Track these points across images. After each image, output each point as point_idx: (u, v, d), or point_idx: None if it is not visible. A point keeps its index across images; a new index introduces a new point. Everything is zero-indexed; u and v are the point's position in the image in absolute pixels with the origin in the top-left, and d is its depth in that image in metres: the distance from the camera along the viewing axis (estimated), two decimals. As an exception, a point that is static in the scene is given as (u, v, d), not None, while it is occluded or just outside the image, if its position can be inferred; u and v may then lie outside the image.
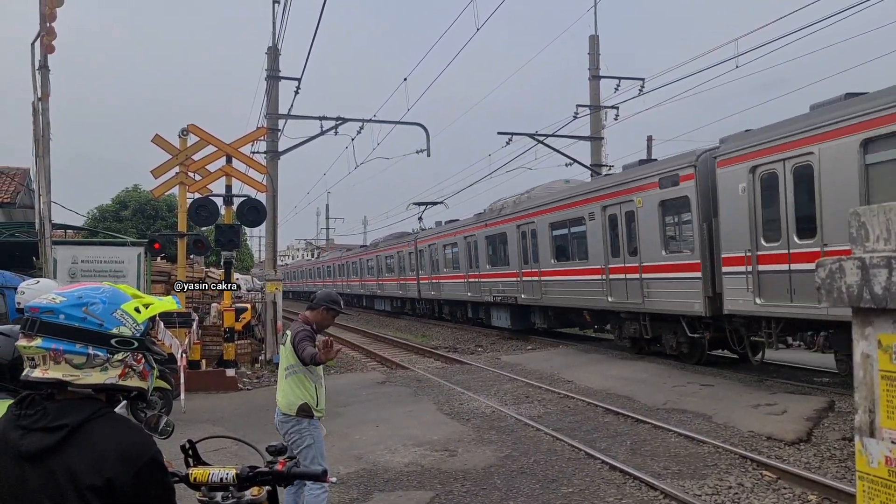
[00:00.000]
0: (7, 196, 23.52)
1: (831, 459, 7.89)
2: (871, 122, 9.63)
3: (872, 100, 9.92)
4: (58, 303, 1.77)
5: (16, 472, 1.73)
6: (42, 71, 12.35)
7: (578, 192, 17.65)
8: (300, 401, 5.37)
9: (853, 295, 1.67)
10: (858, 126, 9.80)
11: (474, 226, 24.55)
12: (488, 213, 23.73)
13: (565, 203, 17.90)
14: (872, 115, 9.62)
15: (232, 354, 15.25)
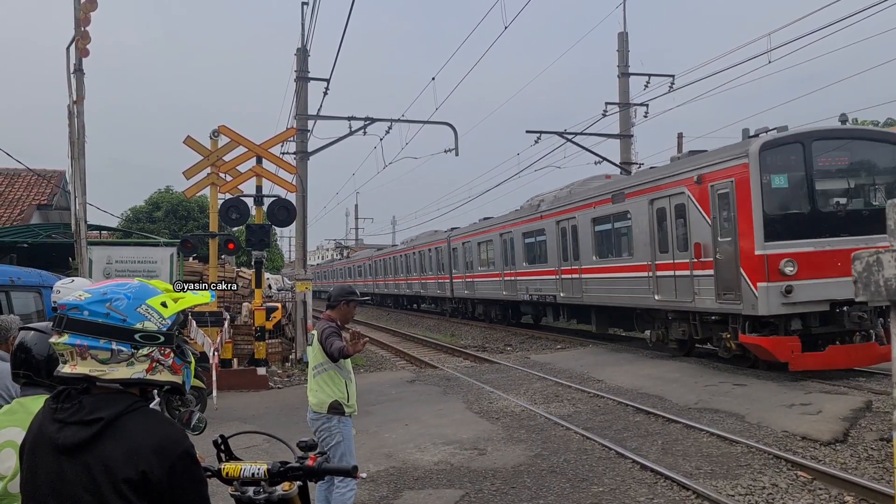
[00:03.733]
0: (44, 198, 24.01)
1: (868, 460, 7.73)
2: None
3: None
4: (83, 300, 1.80)
5: (53, 464, 1.76)
6: (77, 74, 12.58)
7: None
8: (331, 398, 5.40)
9: (892, 288, 1.62)
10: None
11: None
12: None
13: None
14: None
15: (263, 353, 15.39)
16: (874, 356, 12.40)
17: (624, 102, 26.90)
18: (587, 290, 18.76)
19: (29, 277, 8.99)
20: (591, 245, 18.45)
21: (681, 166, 14.77)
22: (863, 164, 13.10)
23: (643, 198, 15.81)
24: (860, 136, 13.47)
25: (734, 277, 12.68)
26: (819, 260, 12.08)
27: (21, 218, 22.40)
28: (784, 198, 12.68)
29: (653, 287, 15.53)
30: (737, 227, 12.71)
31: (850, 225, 12.45)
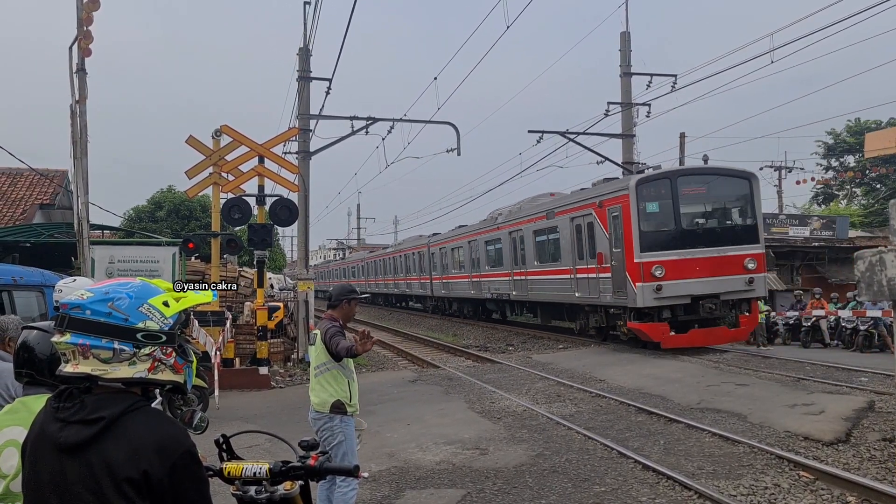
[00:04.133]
0: (46, 197, 24.04)
1: (871, 460, 7.73)
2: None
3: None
4: (85, 299, 1.80)
5: (55, 464, 1.76)
6: (79, 74, 12.60)
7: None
8: (333, 398, 5.40)
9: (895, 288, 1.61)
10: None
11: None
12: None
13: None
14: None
15: (265, 353, 15.40)
16: (724, 337, 16.96)
17: (626, 102, 26.88)
18: (531, 290, 22.39)
19: (31, 277, 9.00)
20: (534, 252, 22.08)
21: (590, 193, 18.69)
22: (716, 194, 17.34)
23: (566, 216, 19.54)
24: (714, 172, 17.84)
25: (623, 279, 16.59)
26: (682, 265, 16.08)
27: (23, 217, 22.44)
28: (655, 219, 16.62)
29: (574, 287, 19.29)
30: (623, 241, 16.54)
31: (706, 239, 16.59)
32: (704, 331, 16.56)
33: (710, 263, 16.37)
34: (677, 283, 15.97)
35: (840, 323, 19.90)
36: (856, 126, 49.20)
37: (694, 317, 16.42)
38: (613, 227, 16.99)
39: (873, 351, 18.07)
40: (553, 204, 21.06)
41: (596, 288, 17.97)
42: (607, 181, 18.39)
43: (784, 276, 29.95)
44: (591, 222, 18.07)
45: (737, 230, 17.11)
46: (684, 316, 16.39)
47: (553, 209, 20.60)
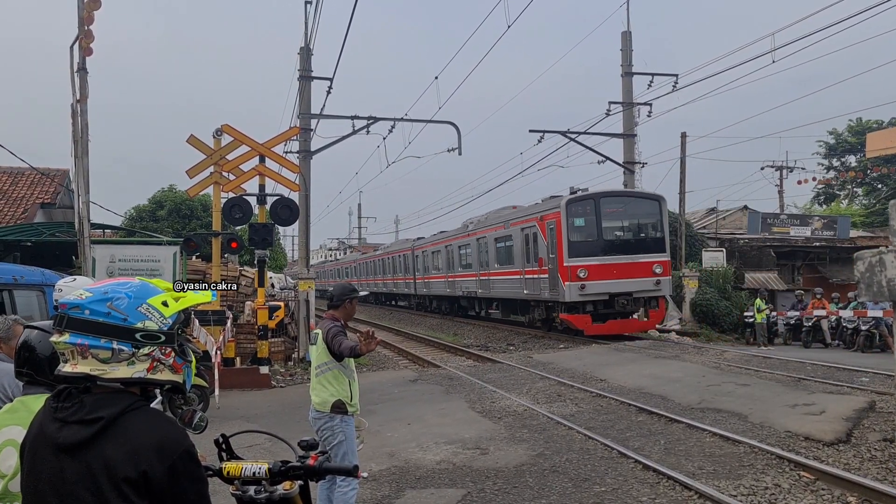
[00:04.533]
0: (47, 196, 24.05)
1: (872, 461, 7.72)
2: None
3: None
4: (84, 298, 1.80)
5: (54, 464, 1.76)
6: (80, 73, 12.60)
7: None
8: (334, 397, 5.40)
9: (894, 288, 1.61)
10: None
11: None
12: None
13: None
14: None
15: (265, 352, 15.40)
16: (636, 327, 20.88)
17: (627, 102, 26.89)
18: (493, 288, 25.88)
19: (32, 276, 9.00)
20: (494, 256, 25.59)
21: (535, 208, 22.39)
22: (631, 212, 21.05)
23: (518, 227, 23.07)
24: (630, 195, 21.91)
25: (556, 279, 20.18)
26: (602, 269, 19.75)
27: (24, 216, 22.45)
28: (582, 232, 20.27)
29: (523, 285, 22.74)
30: (557, 248, 20.09)
31: (622, 248, 20.41)
32: (620, 321, 20.47)
33: (624, 268, 20.08)
34: (598, 282, 19.66)
35: (841, 323, 19.91)
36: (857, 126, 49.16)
37: (611, 310, 20.22)
38: (550, 237, 20.62)
39: (874, 351, 18.09)
40: (510, 216, 24.55)
41: (538, 286, 21.56)
42: (552, 198, 21.77)
43: (785, 275, 29.96)
44: (535, 232, 21.73)
45: (647, 241, 20.83)
46: (604, 309, 20.15)
47: (509, 220, 24.19)
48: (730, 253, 29.00)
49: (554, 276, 20.24)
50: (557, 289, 20.04)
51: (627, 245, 20.55)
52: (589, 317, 19.97)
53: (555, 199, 21.29)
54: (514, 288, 23.60)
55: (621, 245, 20.53)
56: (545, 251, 20.84)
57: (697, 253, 28.51)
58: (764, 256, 30.22)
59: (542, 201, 22.56)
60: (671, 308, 25.95)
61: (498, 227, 25.02)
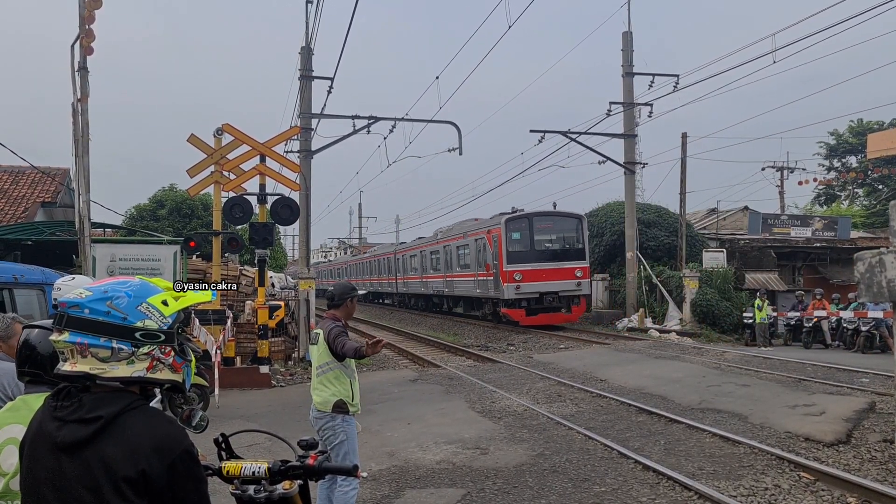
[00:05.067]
0: (48, 195, 24.05)
1: (872, 461, 7.72)
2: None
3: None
4: (83, 297, 1.79)
5: (53, 462, 1.76)
6: (81, 72, 12.60)
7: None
8: (336, 397, 5.39)
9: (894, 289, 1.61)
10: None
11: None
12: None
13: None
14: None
15: (266, 352, 15.39)
16: (560, 319, 25.21)
17: (628, 102, 26.89)
18: (455, 288, 30.02)
19: (32, 275, 8.99)
20: (456, 261, 29.53)
21: (485, 223, 26.82)
22: (558, 228, 25.58)
23: (473, 238, 27.23)
24: (557, 214, 25.85)
25: (498, 281, 24.51)
26: (533, 273, 24.11)
27: (25, 215, 22.46)
28: (518, 244, 24.64)
29: (476, 286, 27.13)
30: (499, 256, 24.40)
31: (549, 257, 24.91)
32: (548, 315, 24.69)
33: (551, 272, 24.48)
34: (530, 284, 24.11)
35: (841, 324, 19.90)
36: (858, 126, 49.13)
37: (541, 306, 24.56)
38: (494, 247, 24.89)
39: (874, 352, 18.08)
40: (468, 228, 28.72)
41: (487, 286, 25.87)
42: (501, 214, 25.88)
43: (786, 276, 29.94)
44: (484, 243, 25.84)
45: (570, 252, 25.32)
46: (535, 305, 24.53)
47: (467, 232, 28.28)
48: (730, 253, 28.99)
49: (497, 278, 24.72)
50: (499, 289, 24.54)
51: (554, 254, 25.19)
52: (524, 311, 24.45)
53: (497, 217, 26.04)
54: (470, 288, 28.02)
55: (549, 254, 25.14)
56: (491, 258, 25.16)
57: (698, 253, 28.51)
58: (764, 257, 30.21)
59: (491, 218, 26.97)
60: (671, 308, 25.97)
61: (459, 237, 29.19)
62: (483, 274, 26.05)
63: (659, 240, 29.78)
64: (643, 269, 27.52)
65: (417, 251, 35.76)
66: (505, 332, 25.31)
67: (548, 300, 24.50)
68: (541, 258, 24.68)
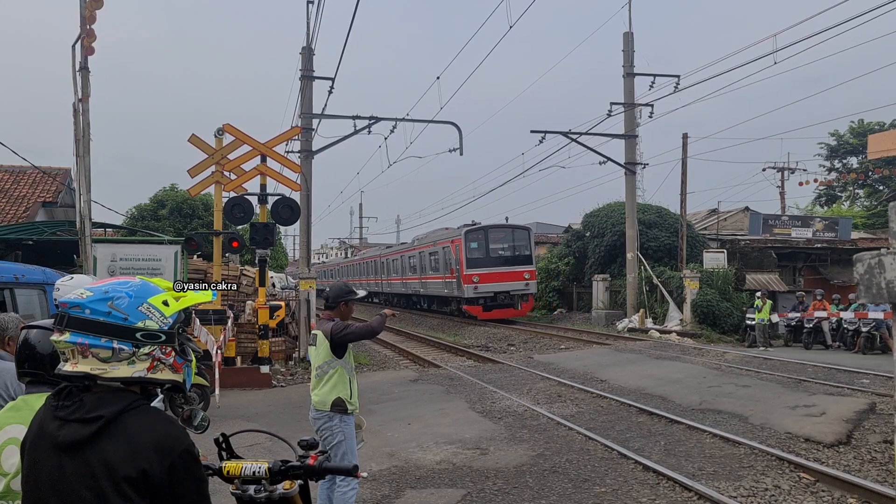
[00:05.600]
0: (49, 195, 24.04)
1: (872, 462, 7.72)
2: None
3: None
4: (84, 298, 1.80)
5: (54, 462, 1.76)
6: (82, 72, 12.62)
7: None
8: (334, 395, 5.40)
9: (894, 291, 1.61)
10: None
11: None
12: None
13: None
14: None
15: (266, 352, 15.40)
16: (511, 314, 29.22)
17: (629, 102, 26.87)
18: (428, 288, 34.27)
19: (33, 275, 8.99)
20: (429, 265, 33.71)
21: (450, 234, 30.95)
22: (510, 238, 29.64)
23: (441, 245, 31.60)
24: (509, 227, 30.39)
25: (460, 282, 28.80)
26: (489, 276, 28.29)
27: (26, 215, 22.45)
28: (476, 251, 28.89)
29: (444, 287, 31.33)
30: (460, 262, 28.71)
31: (502, 262, 28.90)
32: (501, 310, 28.90)
33: (504, 275, 28.69)
34: (486, 285, 28.46)
35: (842, 325, 19.89)
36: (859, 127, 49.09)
37: (495, 303, 28.83)
38: (456, 254, 29.36)
39: (875, 353, 18.07)
40: (438, 237, 33.09)
41: (452, 287, 30.37)
42: (465, 226, 30.07)
43: (786, 277, 29.92)
44: (449, 250, 30.39)
45: (519, 258, 29.44)
46: (490, 303, 28.84)
47: (437, 240, 32.60)
48: (731, 254, 28.97)
49: (459, 280, 29.23)
50: (461, 289, 29.02)
51: (506, 260, 29.31)
52: (481, 307, 28.90)
53: (460, 228, 30.34)
54: (440, 288, 32.30)
55: (502, 260, 29.27)
56: (454, 263, 29.68)
57: (698, 254, 28.49)
58: (765, 258, 30.19)
59: (458, 228, 30.92)
60: (672, 309, 25.96)
61: (430, 245, 33.57)
62: (449, 276, 30.59)
63: (659, 240, 29.77)
64: (644, 270, 27.51)
65: (399, 255, 40.22)
66: (505, 331, 25.38)
67: (501, 298, 28.67)
68: (495, 263, 28.96)
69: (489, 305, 28.70)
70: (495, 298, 28.60)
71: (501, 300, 28.69)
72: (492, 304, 28.70)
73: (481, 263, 28.66)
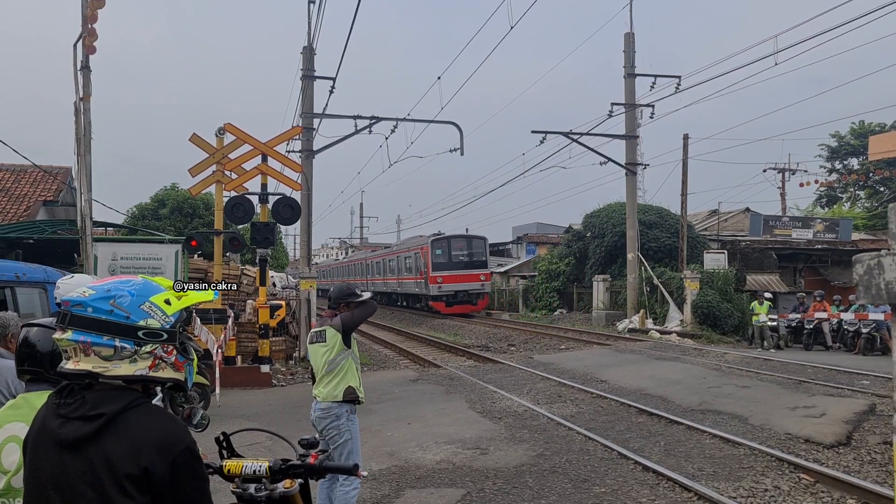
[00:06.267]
0: (50, 194, 24.06)
1: (872, 463, 7.73)
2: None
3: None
4: (87, 296, 1.80)
5: (56, 460, 1.77)
6: (84, 72, 12.61)
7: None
8: (345, 384, 5.37)
9: (893, 292, 1.62)
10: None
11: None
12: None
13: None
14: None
15: (267, 351, 15.41)
16: (468, 309, 34.41)
17: (630, 103, 26.87)
18: (404, 287, 39.63)
19: (34, 273, 9.00)
20: (405, 267, 38.74)
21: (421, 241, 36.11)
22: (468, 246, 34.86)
23: (412, 252, 36.85)
24: (467, 237, 35.73)
25: (427, 283, 33.71)
26: (451, 278, 33.64)
27: (27, 214, 22.47)
28: (440, 257, 33.76)
29: (416, 287, 36.37)
30: (427, 266, 33.69)
31: (462, 266, 34.21)
32: (461, 306, 34.14)
33: (463, 277, 34.29)
34: (449, 285, 33.91)
35: (842, 326, 19.88)
36: (860, 128, 49.09)
37: (456, 300, 34.15)
38: (424, 259, 34.72)
39: (875, 354, 18.07)
40: (412, 244, 38.67)
41: (421, 287, 35.54)
42: (433, 235, 35.80)
43: (787, 278, 29.91)
44: (419, 255, 35.57)
45: (476, 262, 35.07)
46: (452, 300, 34.11)
47: (410, 247, 38.23)
48: (731, 255, 28.96)
49: (426, 281, 34.44)
50: (428, 288, 34.36)
51: (465, 264, 34.78)
52: (444, 303, 34.16)
53: (429, 237, 35.91)
54: (412, 288, 37.63)
55: (461, 265, 34.71)
56: (423, 267, 34.99)
57: (699, 255, 28.49)
58: (766, 259, 30.19)
59: (427, 237, 36.52)
60: (672, 310, 25.95)
61: (406, 251, 39.14)
62: (419, 278, 35.86)
63: (660, 241, 29.77)
64: (644, 271, 27.51)
65: (381, 259, 46.02)
66: (505, 331, 25.41)
67: (460, 296, 34.35)
68: (455, 267, 34.55)
69: (451, 302, 34.21)
70: (456, 296, 34.23)
71: (461, 298, 34.29)
72: (453, 301, 34.22)
73: (444, 267, 34.24)
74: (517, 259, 51.24)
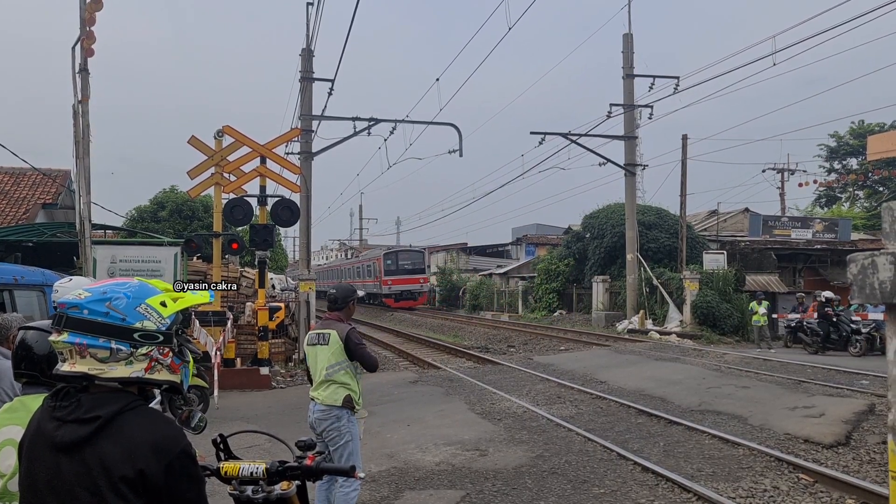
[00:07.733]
0: (49, 197, 24.05)
1: (871, 463, 7.73)
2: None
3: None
4: (83, 298, 1.80)
5: (51, 462, 1.77)
6: (82, 74, 12.62)
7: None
8: (345, 391, 5.38)
9: (886, 291, 1.62)
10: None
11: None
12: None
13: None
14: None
15: (266, 353, 15.40)
16: (410, 304, 45.95)
17: (628, 104, 26.90)
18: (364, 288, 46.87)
19: (32, 276, 9.01)
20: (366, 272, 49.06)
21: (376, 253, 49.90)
22: (411, 257, 47.19)
23: (372, 261, 48.73)
24: (410, 250, 49.77)
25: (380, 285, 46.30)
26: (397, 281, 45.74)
27: (26, 217, 22.46)
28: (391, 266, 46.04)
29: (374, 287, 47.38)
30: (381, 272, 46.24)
31: (406, 272, 46.18)
32: (405, 302, 44.57)
33: (407, 280, 45.01)
34: (396, 286, 44.81)
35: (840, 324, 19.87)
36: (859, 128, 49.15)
37: (401, 297, 44.66)
38: (379, 267, 45.56)
39: (875, 354, 18.07)
40: (373, 255, 49.78)
41: (378, 287, 45.99)
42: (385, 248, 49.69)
43: (786, 278, 29.92)
44: (375, 264, 46.55)
45: (416, 269, 45.74)
46: (398, 298, 44.72)
47: (371, 257, 49.72)
48: (731, 255, 28.98)
49: (379, 283, 45.50)
50: (381, 289, 45.34)
51: (408, 271, 45.41)
52: (392, 300, 44.99)
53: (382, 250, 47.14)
54: (371, 288, 47.72)
55: (406, 271, 45.40)
56: (378, 272, 45.73)
57: (698, 255, 28.51)
58: (765, 259, 30.20)
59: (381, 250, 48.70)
60: (672, 310, 25.96)
61: (367, 260, 50.17)
62: (375, 280, 46.75)
63: (659, 241, 29.78)
64: (644, 271, 27.52)
65: (351, 265, 57.70)
66: (505, 332, 25.42)
67: (405, 295, 45.06)
68: (401, 272, 45.42)
69: (398, 298, 45.14)
70: (401, 295, 45.16)
71: (405, 295, 45.21)
72: (399, 298, 45.02)
73: (393, 273, 45.30)
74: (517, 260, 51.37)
